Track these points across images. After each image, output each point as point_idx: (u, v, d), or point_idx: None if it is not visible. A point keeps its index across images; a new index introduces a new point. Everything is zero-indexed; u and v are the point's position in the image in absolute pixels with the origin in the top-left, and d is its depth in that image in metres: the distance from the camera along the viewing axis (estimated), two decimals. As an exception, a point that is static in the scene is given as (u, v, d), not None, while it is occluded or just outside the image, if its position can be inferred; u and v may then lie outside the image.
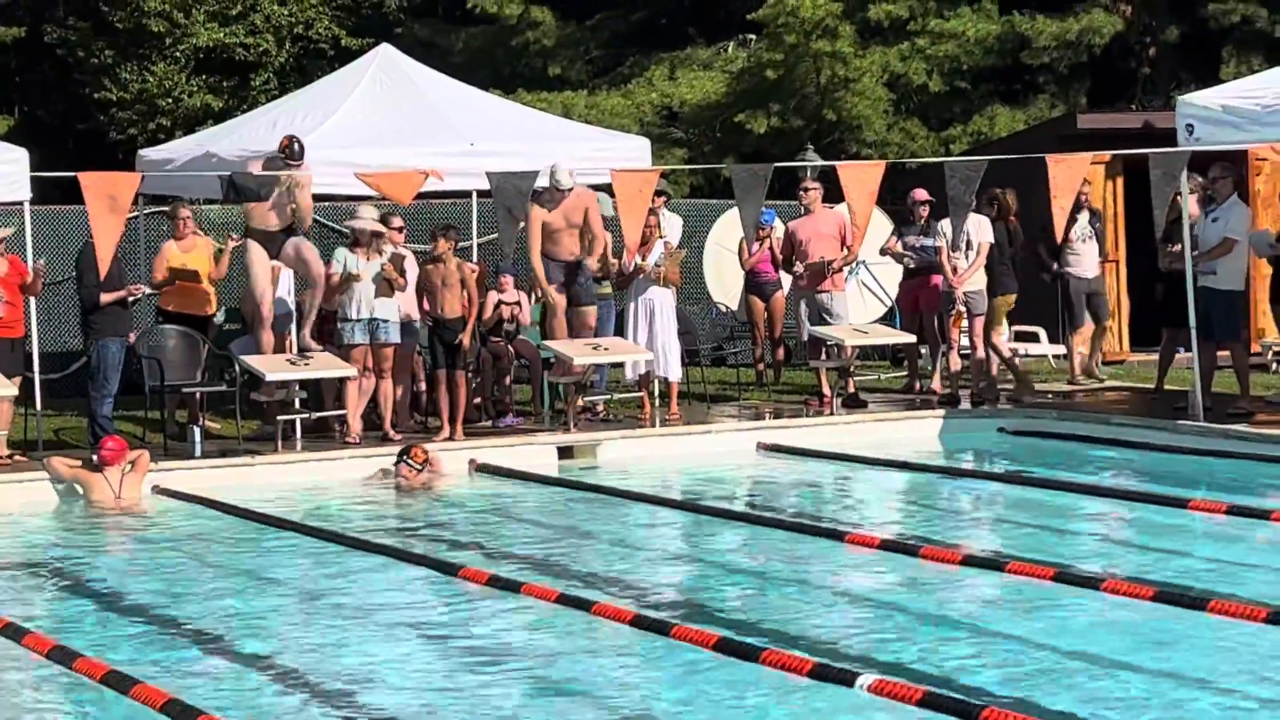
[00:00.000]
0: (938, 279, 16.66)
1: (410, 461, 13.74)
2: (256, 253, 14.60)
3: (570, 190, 15.16)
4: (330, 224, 19.10)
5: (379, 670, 8.34)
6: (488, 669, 8.29)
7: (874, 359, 20.66)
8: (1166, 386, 16.57)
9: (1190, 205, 15.00)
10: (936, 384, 17.14)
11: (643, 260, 15.64)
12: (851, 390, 16.61)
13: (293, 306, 15.43)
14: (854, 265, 18.34)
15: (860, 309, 19.11)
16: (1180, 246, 15.35)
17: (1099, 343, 18.07)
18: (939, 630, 8.87)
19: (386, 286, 14.71)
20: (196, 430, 14.51)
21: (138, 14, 31.32)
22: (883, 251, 17.98)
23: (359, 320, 14.68)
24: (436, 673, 8.34)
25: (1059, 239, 14.62)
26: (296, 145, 14.37)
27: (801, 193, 17.22)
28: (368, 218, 14.95)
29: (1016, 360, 17.19)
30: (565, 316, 15.40)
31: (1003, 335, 17.30)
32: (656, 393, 15.96)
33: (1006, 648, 8.46)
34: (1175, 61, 29.47)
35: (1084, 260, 17.68)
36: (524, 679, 8.12)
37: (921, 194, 17.05)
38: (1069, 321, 18.11)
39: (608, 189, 15.31)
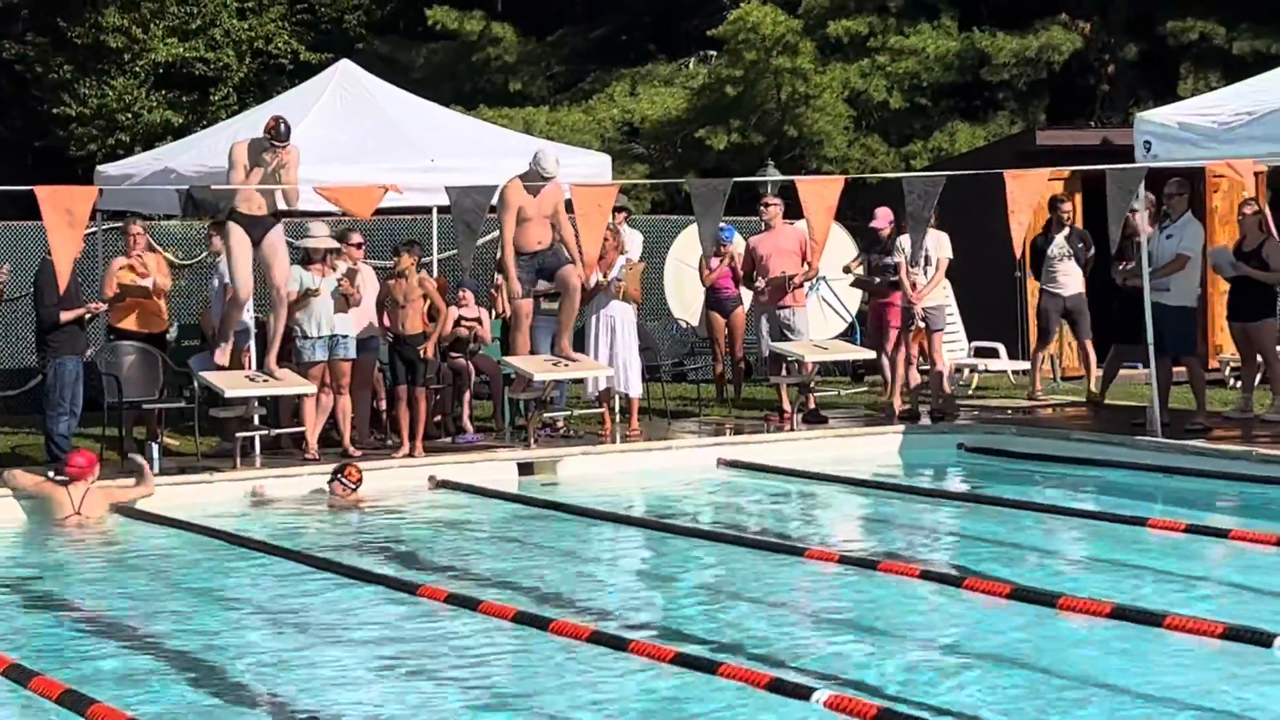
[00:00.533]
0: (897, 294, 16.77)
1: (344, 480, 13.66)
2: (237, 236, 14.29)
3: (552, 179, 15.05)
4: (289, 240, 19.01)
5: (335, 687, 8.31)
6: (445, 686, 8.27)
7: (834, 375, 20.70)
8: (1117, 402, 16.65)
9: (1141, 222, 15.06)
10: (896, 400, 17.18)
11: (603, 276, 15.64)
12: (812, 406, 16.64)
13: (250, 324, 15.27)
14: (814, 281, 18.37)
15: (821, 324, 19.14)
16: (1133, 263, 15.45)
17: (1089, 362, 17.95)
18: (896, 646, 8.88)
19: (343, 301, 14.70)
20: (155, 447, 14.43)
21: (96, 29, 31.23)
22: (846, 270, 18.03)
23: (319, 338, 14.64)
24: (393, 690, 8.31)
25: (1016, 254, 14.69)
26: (283, 126, 14.14)
27: (762, 208, 17.28)
28: (319, 235, 14.92)
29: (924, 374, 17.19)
30: (526, 318, 15.22)
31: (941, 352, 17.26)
32: (617, 409, 15.96)
33: (963, 664, 8.48)
34: (1133, 78, 29.62)
35: (1059, 278, 17.68)
36: (481, 696, 8.10)
37: (883, 217, 17.11)
38: (1038, 337, 18.15)
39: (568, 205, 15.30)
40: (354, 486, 13.66)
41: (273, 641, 9.39)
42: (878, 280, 17.28)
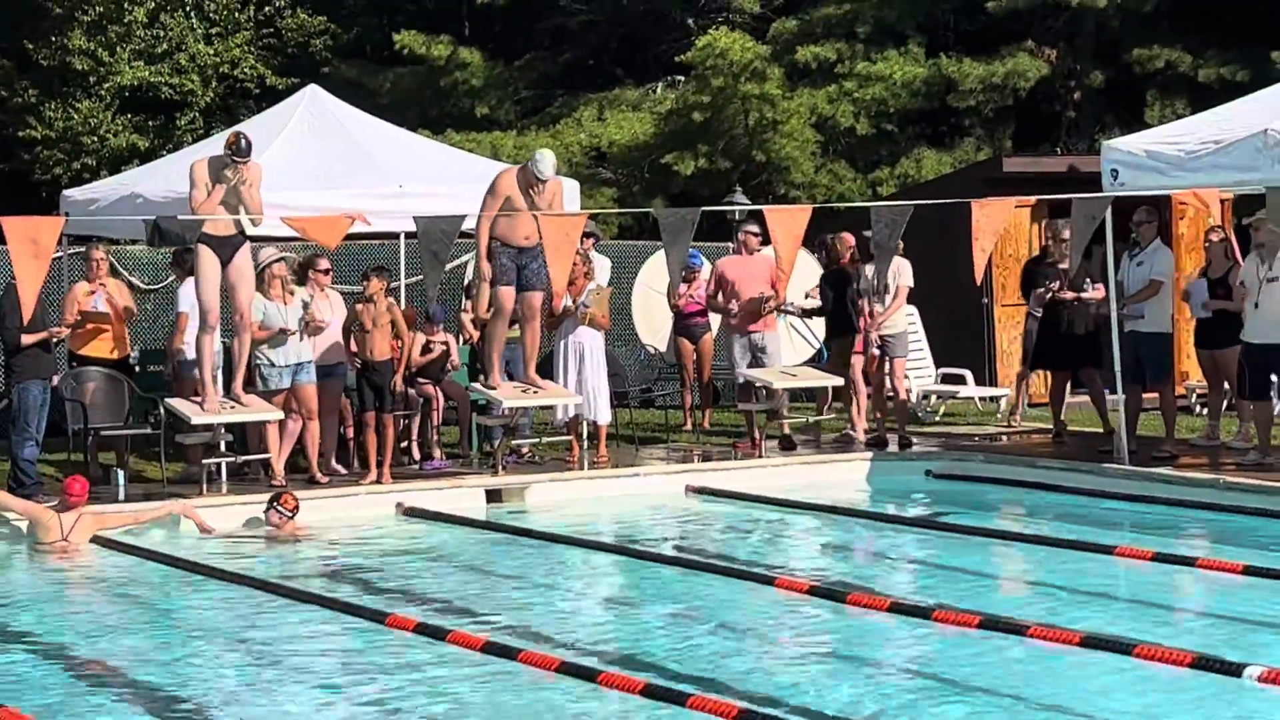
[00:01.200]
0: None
1: (280, 509, 13.55)
2: (206, 258, 14.19)
3: (546, 182, 14.91)
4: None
5: (303, 718, 8.26)
6: (410, 716, 8.22)
7: (803, 401, 20.68)
8: (1086, 429, 16.73)
9: (1074, 250, 15.23)
10: (861, 427, 17.20)
11: (572, 302, 15.61)
12: (785, 432, 16.62)
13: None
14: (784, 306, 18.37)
15: (789, 351, 19.14)
16: (1049, 289, 15.86)
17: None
18: (867, 676, 8.87)
19: (309, 327, 14.66)
20: (120, 474, 14.35)
21: (62, 52, 31.14)
22: (806, 297, 18.06)
23: (285, 366, 14.60)
24: (362, 722, 8.28)
25: (977, 280, 14.73)
26: (243, 141, 14.02)
27: (743, 236, 17.19)
28: (268, 254, 14.91)
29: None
30: (508, 305, 15.06)
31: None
32: (585, 435, 15.93)
33: (932, 694, 8.47)
34: (1100, 105, 29.79)
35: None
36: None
37: (844, 244, 17.15)
38: (1023, 359, 18.17)
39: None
40: (290, 515, 13.52)
41: (236, 671, 9.33)
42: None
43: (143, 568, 12.21)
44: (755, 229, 17.08)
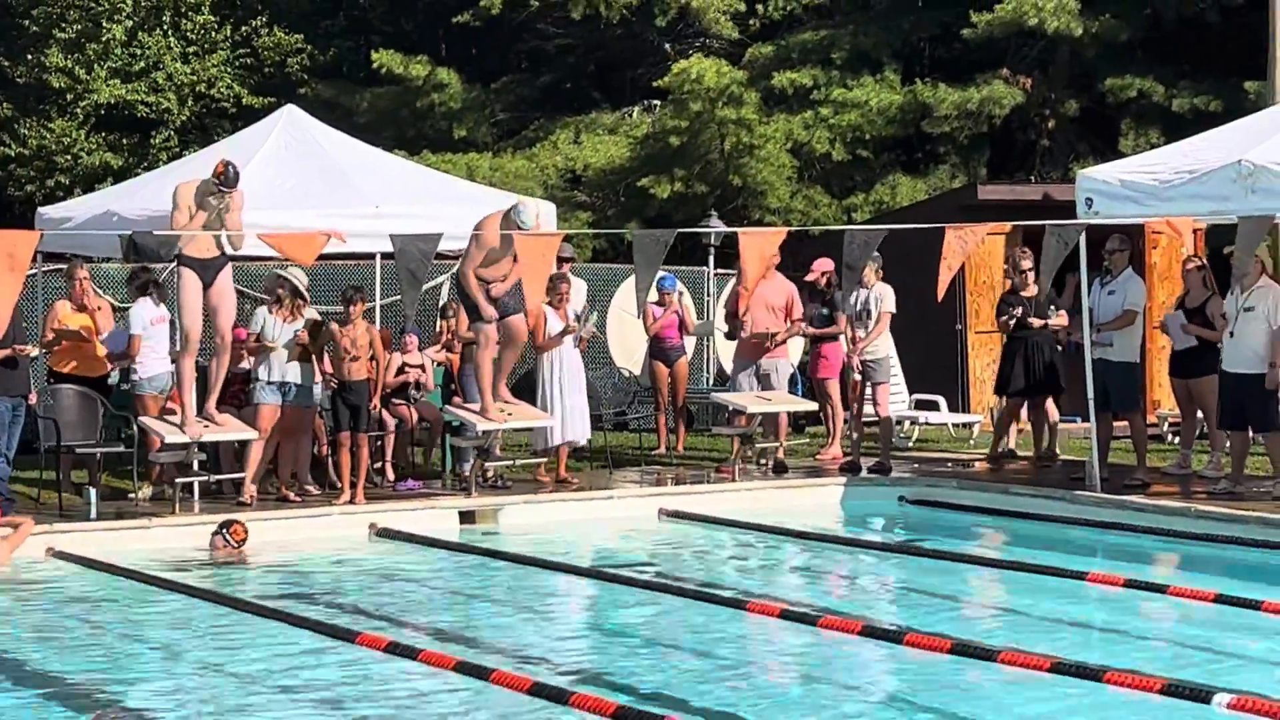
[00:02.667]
0: (827, 347, 16.92)
1: (228, 536, 13.48)
2: (189, 281, 14.16)
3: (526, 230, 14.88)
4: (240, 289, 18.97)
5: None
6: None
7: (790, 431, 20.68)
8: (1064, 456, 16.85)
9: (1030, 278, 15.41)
10: (836, 451, 17.24)
11: (571, 319, 15.68)
12: (780, 456, 16.61)
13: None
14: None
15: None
16: (1013, 315, 16.04)
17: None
18: (839, 701, 8.88)
19: (299, 351, 14.65)
20: (93, 492, 14.30)
21: (38, 69, 31.10)
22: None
23: (271, 383, 14.59)
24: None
25: (939, 297, 14.79)
26: (231, 171, 14.01)
27: None
28: (299, 277, 14.91)
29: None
30: (495, 338, 15.02)
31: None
32: (564, 458, 15.94)
33: (904, 718, 8.48)
34: (1074, 134, 29.92)
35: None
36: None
37: (819, 268, 17.18)
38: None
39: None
40: (237, 544, 13.46)
41: (201, 689, 9.30)
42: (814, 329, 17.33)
43: (112, 585, 12.17)
44: (775, 252, 16.88)
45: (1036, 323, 16.27)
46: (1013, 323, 16.38)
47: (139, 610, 11.48)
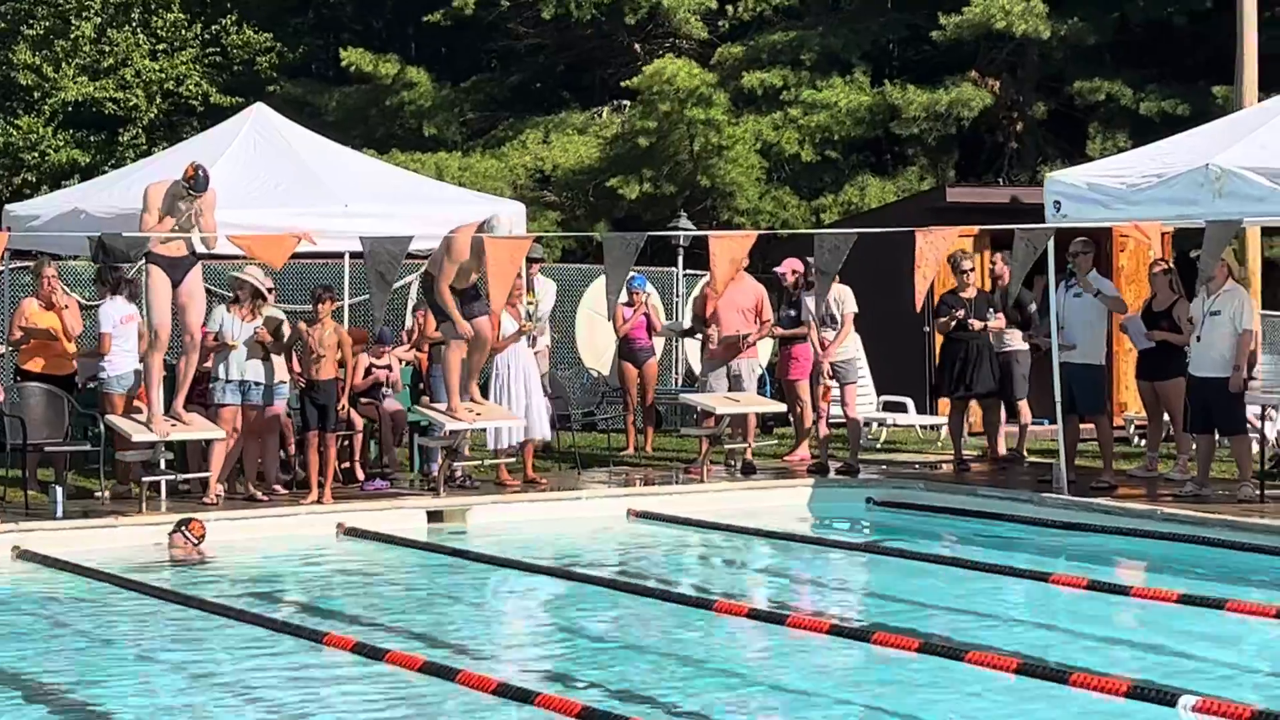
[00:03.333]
0: (797, 348, 16.94)
1: (187, 533, 13.44)
2: (157, 279, 14.10)
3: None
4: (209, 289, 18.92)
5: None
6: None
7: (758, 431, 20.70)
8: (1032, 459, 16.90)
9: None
10: (805, 453, 17.27)
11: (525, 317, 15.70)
12: (749, 458, 16.63)
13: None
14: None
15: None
16: (954, 317, 16.18)
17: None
18: (806, 700, 8.90)
19: (259, 349, 14.61)
20: (59, 490, 14.24)
21: (6, 66, 30.98)
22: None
23: (229, 381, 14.54)
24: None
25: (917, 307, 14.83)
26: (201, 174, 13.95)
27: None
28: (257, 276, 14.85)
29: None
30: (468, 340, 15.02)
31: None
32: (530, 458, 15.94)
33: (870, 717, 8.50)
34: (1042, 137, 30.02)
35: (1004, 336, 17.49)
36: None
37: (788, 266, 17.20)
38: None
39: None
40: (196, 541, 13.41)
41: (168, 691, 9.27)
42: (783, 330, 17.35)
43: (76, 585, 12.14)
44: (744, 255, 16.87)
45: (976, 325, 16.34)
46: (952, 324, 16.44)
47: (105, 610, 11.44)
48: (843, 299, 16.47)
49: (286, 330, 14.81)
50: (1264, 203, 13.78)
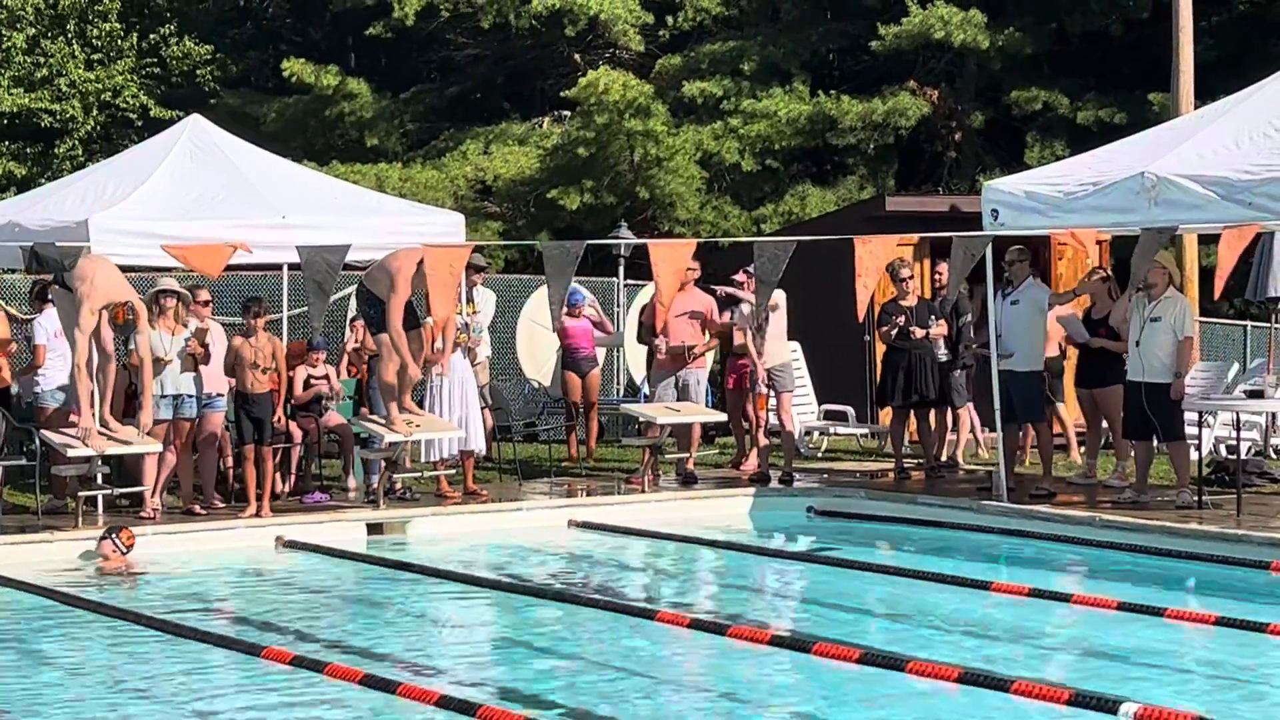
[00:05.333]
0: (744, 359, 16.93)
1: (116, 540, 13.35)
2: (68, 303, 14.00)
3: None
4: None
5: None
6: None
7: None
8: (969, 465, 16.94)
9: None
10: (751, 463, 17.25)
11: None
12: (690, 467, 16.61)
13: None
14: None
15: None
16: (895, 325, 16.27)
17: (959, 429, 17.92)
18: (749, 711, 8.88)
19: (190, 361, 14.50)
20: (-6, 505, 14.13)
21: (-60, 78, 30.77)
22: None
23: (163, 397, 14.42)
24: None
25: (860, 317, 14.85)
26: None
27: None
28: (169, 284, 14.71)
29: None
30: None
31: None
32: (471, 468, 15.88)
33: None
34: (980, 146, 30.16)
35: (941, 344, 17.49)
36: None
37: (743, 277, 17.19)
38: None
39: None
40: (125, 549, 13.31)
41: (110, 707, 9.19)
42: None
43: (9, 598, 12.03)
44: (693, 263, 16.81)
45: (918, 333, 16.40)
46: (894, 332, 16.48)
47: (40, 625, 11.33)
48: (774, 303, 16.41)
49: (216, 339, 14.69)
50: (1199, 210, 13.84)
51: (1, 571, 12.63)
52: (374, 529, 14.64)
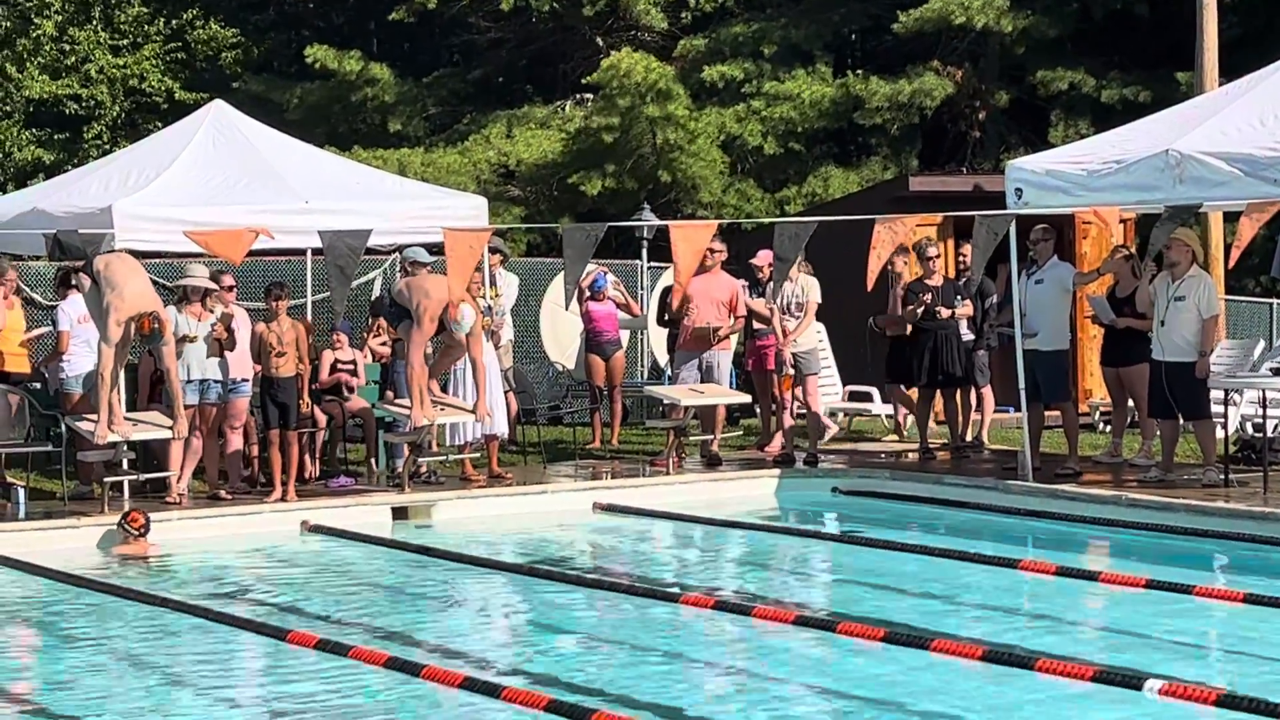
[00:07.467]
0: (768, 340, 16.89)
1: (127, 527, 13.38)
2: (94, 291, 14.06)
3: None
4: (161, 281, 18.81)
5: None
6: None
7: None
8: (996, 446, 16.90)
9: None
10: (776, 445, 17.22)
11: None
12: (715, 449, 16.59)
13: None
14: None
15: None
16: (922, 303, 16.25)
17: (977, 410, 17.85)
18: (772, 691, 8.88)
19: (216, 347, 14.52)
20: (21, 490, 14.16)
21: (-31, 66, 30.89)
22: None
23: (188, 382, 14.43)
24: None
25: (868, 286, 14.81)
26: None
27: (706, 253, 16.78)
28: (198, 275, 14.72)
29: None
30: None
31: None
32: (495, 452, 15.87)
33: (840, 708, 8.49)
34: (1004, 125, 30.06)
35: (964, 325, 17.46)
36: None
37: (764, 258, 17.11)
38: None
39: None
40: (137, 533, 13.33)
41: (139, 690, 9.23)
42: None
43: (38, 586, 12.07)
44: (719, 246, 16.77)
45: (944, 312, 16.34)
46: (920, 310, 16.43)
47: (68, 610, 11.37)
48: (808, 288, 16.42)
49: (241, 324, 14.71)
50: (1224, 187, 13.80)
51: (28, 557, 12.69)
52: (399, 513, 14.65)
